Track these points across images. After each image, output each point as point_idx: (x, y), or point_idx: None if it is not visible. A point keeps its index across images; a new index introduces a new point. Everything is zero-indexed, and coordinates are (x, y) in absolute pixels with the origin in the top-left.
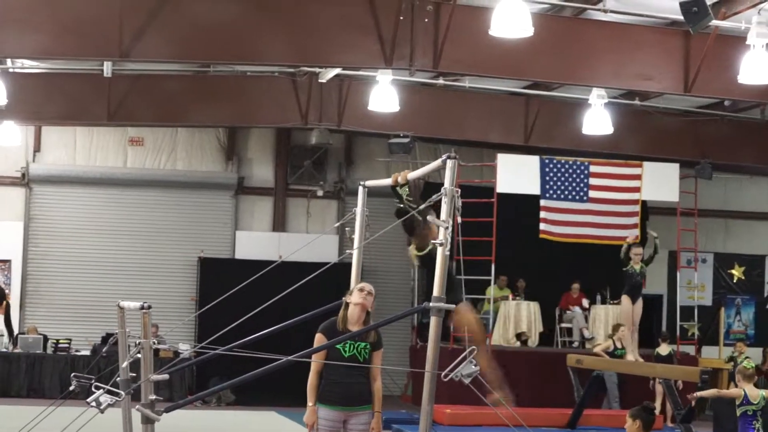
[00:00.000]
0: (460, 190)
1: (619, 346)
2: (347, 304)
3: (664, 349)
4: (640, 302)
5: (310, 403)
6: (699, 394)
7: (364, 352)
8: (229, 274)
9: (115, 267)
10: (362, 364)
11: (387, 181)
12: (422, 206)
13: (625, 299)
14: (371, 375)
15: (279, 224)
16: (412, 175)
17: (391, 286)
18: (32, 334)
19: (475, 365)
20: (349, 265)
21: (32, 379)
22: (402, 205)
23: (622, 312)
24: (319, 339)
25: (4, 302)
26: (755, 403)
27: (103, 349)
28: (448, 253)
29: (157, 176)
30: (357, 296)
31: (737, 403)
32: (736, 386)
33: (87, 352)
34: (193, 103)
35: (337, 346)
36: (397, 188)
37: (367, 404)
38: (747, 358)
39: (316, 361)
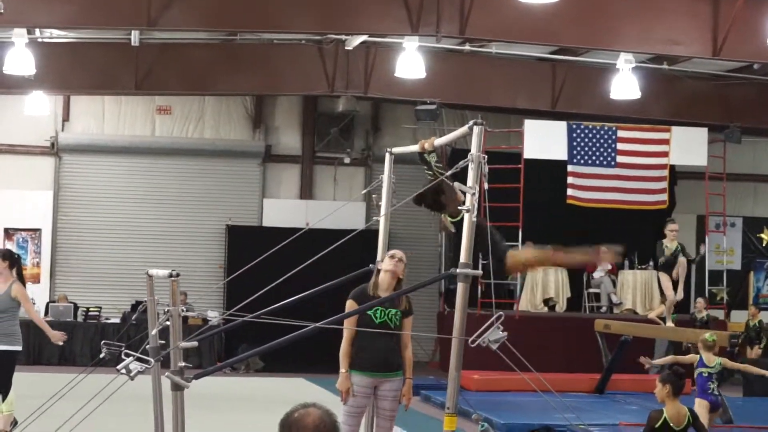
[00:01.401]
0: (486, 157)
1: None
2: (378, 271)
3: (701, 312)
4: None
5: (343, 370)
6: (656, 361)
7: (395, 319)
8: (256, 242)
9: (143, 235)
10: (393, 330)
11: (414, 148)
12: (449, 172)
13: (662, 275)
14: (402, 342)
15: (306, 192)
16: (439, 141)
17: (419, 252)
18: (62, 303)
19: (503, 331)
20: (376, 232)
21: (63, 348)
22: (431, 175)
23: (663, 287)
24: (350, 305)
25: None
26: (711, 366)
27: (133, 317)
28: (475, 219)
29: (184, 145)
30: (388, 263)
31: (694, 365)
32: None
33: (117, 320)
34: (221, 72)
35: (368, 313)
36: (425, 155)
37: (398, 370)
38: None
39: (347, 328)
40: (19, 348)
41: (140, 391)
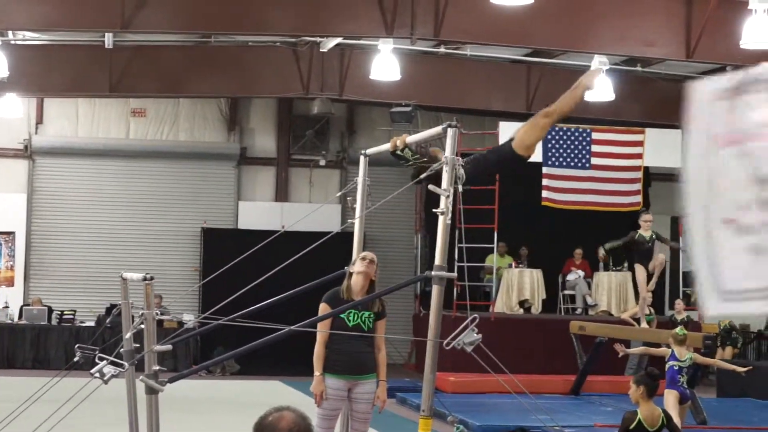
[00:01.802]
0: (461, 159)
1: (646, 312)
2: (350, 274)
3: (680, 314)
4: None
5: (317, 373)
6: (629, 351)
7: (369, 321)
8: (232, 245)
9: (118, 238)
10: (366, 333)
11: (387, 146)
12: (427, 173)
13: (638, 268)
14: (376, 344)
15: (281, 194)
16: (411, 139)
17: (394, 254)
18: (36, 306)
19: (477, 333)
20: (352, 234)
21: (37, 351)
22: (411, 163)
23: (638, 281)
24: (323, 308)
25: None
26: (682, 360)
27: (107, 320)
28: (449, 222)
29: (159, 147)
30: (359, 265)
31: (666, 359)
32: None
33: (92, 323)
34: (195, 74)
35: (342, 316)
36: (398, 152)
37: (371, 373)
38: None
39: (320, 331)
40: None
41: (115, 395)
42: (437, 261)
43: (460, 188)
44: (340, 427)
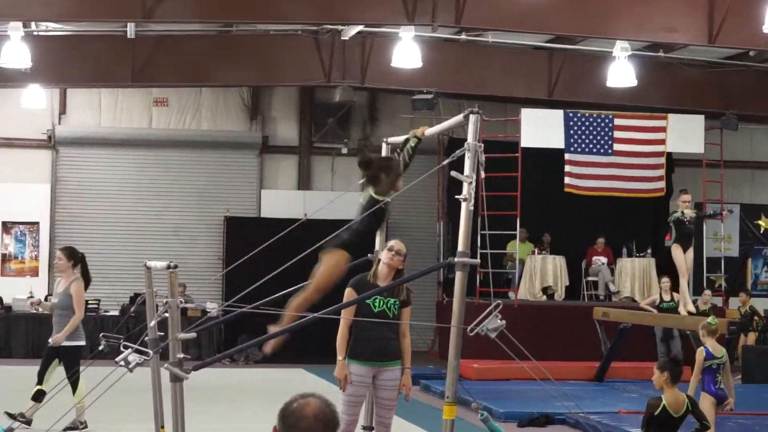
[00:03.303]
0: (483, 145)
1: (666, 298)
2: (379, 260)
3: (706, 304)
4: (691, 251)
5: (339, 358)
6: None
7: (394, 308)
8: (255, 233)
9: (141, 227)
10: (392, 320)
11: (408, 136)
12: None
13: (674, 248)
14: (400, 331)
15: (304, 182)
16: (431, 131)
17: (417, 241)
18: None
19: (501, 319)
20: None
21: None
22: (398, 154)
23: (676, 262)
24: (348, 294)
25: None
26: (719, 357)
27: (131, 309)
28: (472, 208)
29: (182, 137)
30: (385, 255)
31: (701, 360)
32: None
33: (116, 313)
34: (217, 63)
35: (367, 302)
36: (410, 140)
37: (396, 360)
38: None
39: (345, 318)
40: (83, 343)
41: (140, 383)
42: (460, 247)
43: (483, 174)
44: (365, 413)
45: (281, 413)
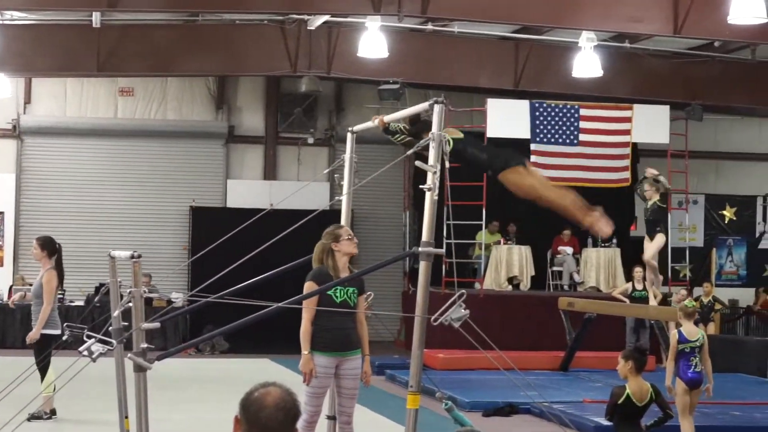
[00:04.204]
0: (447, 135)
1: (638, 287)
2: (332, 251)
3: (707, 296)
4: (657, 238)
5: (305, 351)
6: None
7: (353, 297)
8: (220, 223)
9: (107, 217)
10: (353, 309)
11: (370, 124)
12: (414, 149)
13: (660, 237)
14: (358, 319)
15: (270, 172)
16: (389, 117)
17: (382, 231)
18: (19, 285)
19: (465, 309)
20: (340, 211)
21: (26, 330)
22: (401, 141)
23: (658, 248)
24: (309, 286)
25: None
26: (693, 341)
27: (96, 299)
28: (436, 198)
29: (147, 126)
30: (346, 244)
31: (675, 343)
32: (679, 324)
33: (81, 303)
34: (183, 53)
35: (329, 293)
36: (389, 128)
37: (357, 349)
38: (692, 298)
39: (309, 308)
40: (56, 332)
41: (104, 373)
42: (424, 237)
43: (447, 164)
44: (328, 403)
45: (242, 403)
